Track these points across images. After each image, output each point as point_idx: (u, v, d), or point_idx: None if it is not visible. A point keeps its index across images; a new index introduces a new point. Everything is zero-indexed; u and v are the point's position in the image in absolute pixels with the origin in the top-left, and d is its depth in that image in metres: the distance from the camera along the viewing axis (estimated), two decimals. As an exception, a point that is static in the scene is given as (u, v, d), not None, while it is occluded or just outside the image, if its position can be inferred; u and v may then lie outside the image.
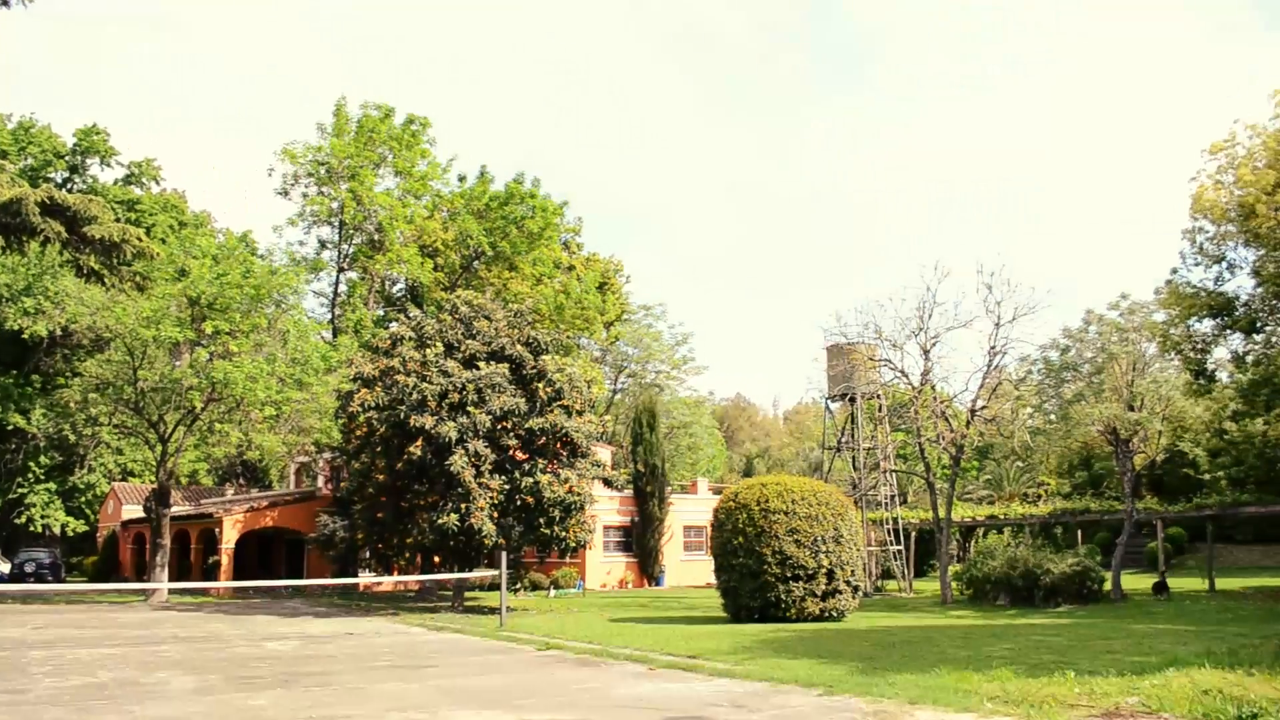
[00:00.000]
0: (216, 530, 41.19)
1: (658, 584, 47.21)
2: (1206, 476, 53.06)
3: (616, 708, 11.68)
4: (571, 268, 53.12)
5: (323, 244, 47.93)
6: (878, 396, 41.56)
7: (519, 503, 28.85)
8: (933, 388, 36.00)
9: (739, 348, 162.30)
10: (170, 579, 38.00)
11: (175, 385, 33.70)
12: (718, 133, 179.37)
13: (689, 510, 50.42)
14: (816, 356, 46.49)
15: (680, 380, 68.60)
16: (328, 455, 44.41)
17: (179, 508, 43.89)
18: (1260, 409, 38.95)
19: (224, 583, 37.50)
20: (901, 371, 35.95)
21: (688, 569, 49.17)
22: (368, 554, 32.78)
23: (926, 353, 34.92)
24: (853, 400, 40.89)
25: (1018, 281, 43.43)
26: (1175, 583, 36.94)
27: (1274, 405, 39.59)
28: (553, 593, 40.00)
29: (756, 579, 24.16)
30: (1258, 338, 35.98)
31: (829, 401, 43.27)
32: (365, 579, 36.65)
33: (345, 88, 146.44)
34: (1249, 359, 37.00)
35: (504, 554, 26.28)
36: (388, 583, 39.96)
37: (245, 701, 12.10)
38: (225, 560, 40.36)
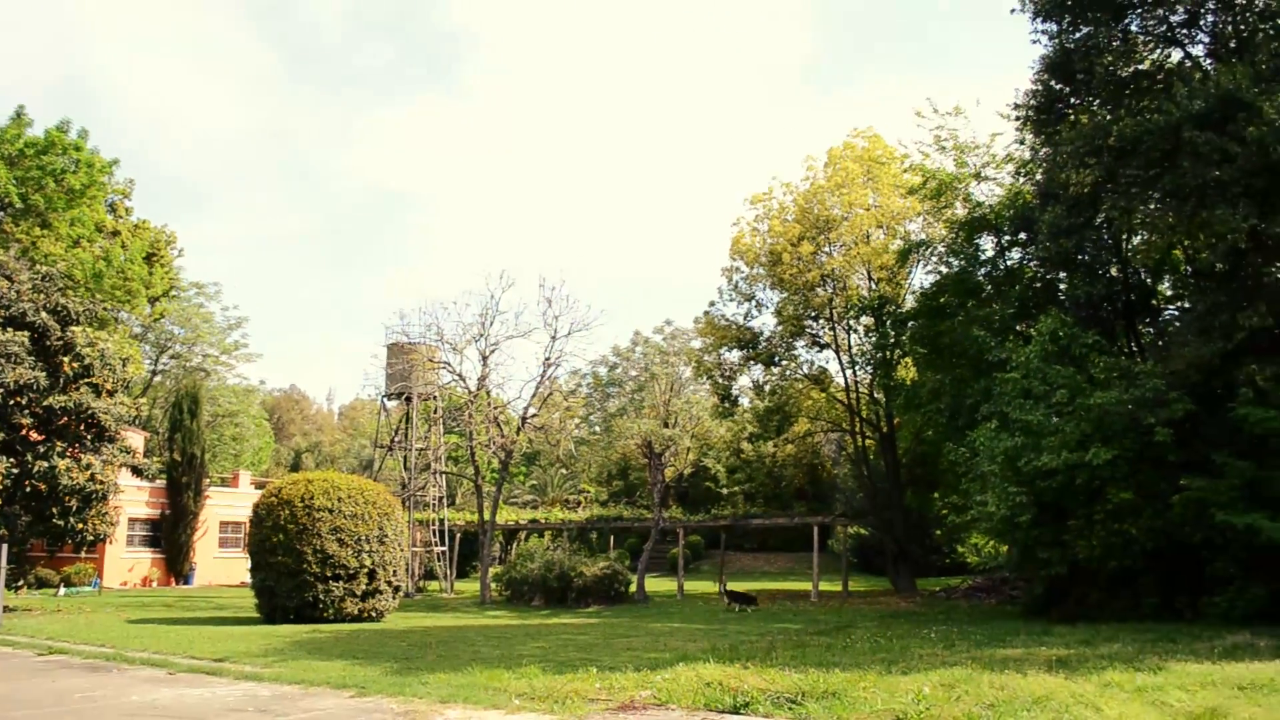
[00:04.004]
0: None
1: (187, 582, 44.25)
2: (725, 491, 58.78)
3: (127, 716, 10.87)
4: (116, 233, 48.38)
5: None
6: (434, 398, 41.88)
7: (29, 489, 25.84)
8: (488, 393, 36.91)
9: (297, 337, 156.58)
10: None
11: None
12: (295, 112, 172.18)
13: (228, 504, 47.74)
14: (376, 353, 46.09)
15: (230, 366, 64.73)
16: None
17: None
18: (772, 433, 43.89)
19: None
20: (460, 375, 36.58)
21: (222, 567, 46.55)
22: None
23: (485, 359, 35.80)
24: (409, 400, 40.88)
25: (576, 298, 45.76)
26: (691, 585, 40.48)
27: (783, 430, 44.84)
28: (63, 591, 36.15)
29: (295, 578, 23.41)
30: (775, 370, 40.66)
31: (385, 399, 42.93)
32: None
33: None
34: (767, 388, 41.69)
35: (4, 546, 23.43)
36: None
37: None
38: None
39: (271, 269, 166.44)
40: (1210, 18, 23.91)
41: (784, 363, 40.63)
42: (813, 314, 38.61)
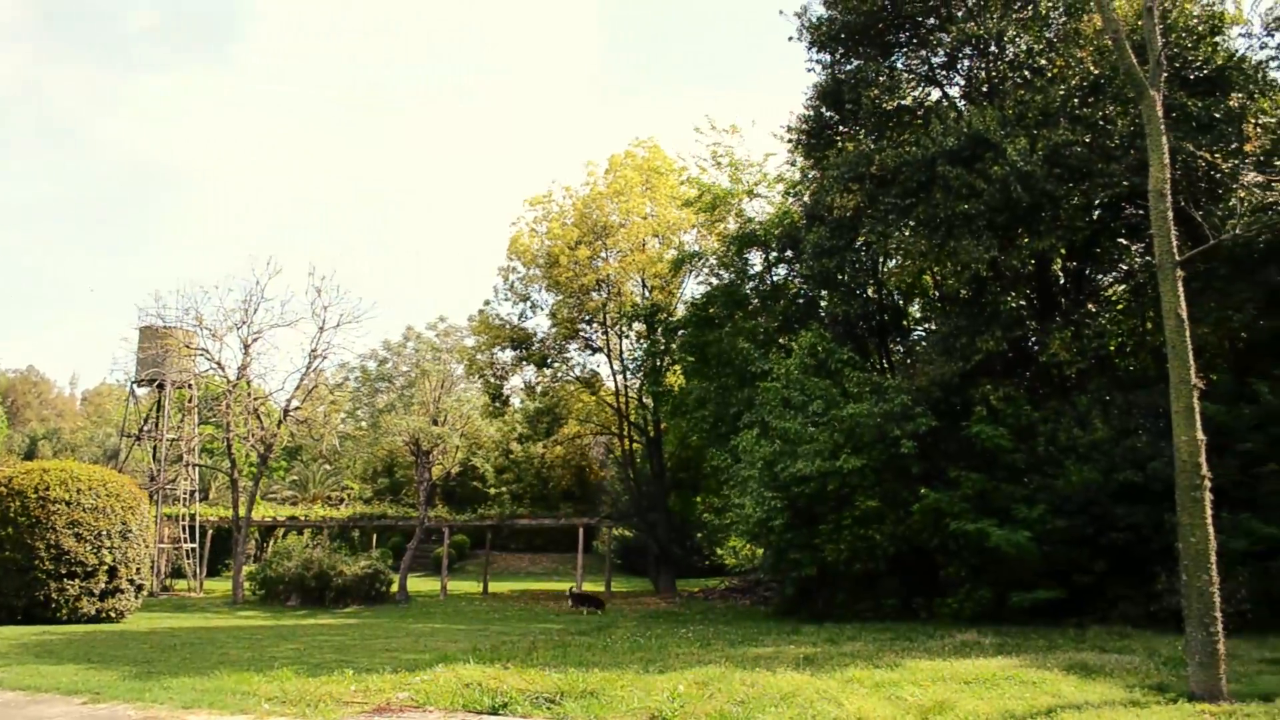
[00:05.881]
0: None
1: (-106, 578, 40.11)
2: (492, 490, 58.45)
3: None
4: None
5: None
6: (190, 386, 39.75)
7: None
8: (249, 383, 35.43)
9: (38, 315, 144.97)
10: None
11: None
12: (49, 71, 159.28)
13: (-53, 493, 43.58)
14: (127, 336, 43.31)
15: (-44, 344, 59.41)
16: None
17: None
18: (541, 434, 44.12)
19: None
20: (218, 363, 34.92)
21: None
22: None
23: (247, 347, 34.34)
24: (161, 387, 38.61)
25: (347, 289, 44.56)
26: (455, 585, 40.07)
27: (553, 431, 45.12)
28: None
29: (24, 575, 21.71)
30: (547, 371, 40.90)
31: (135, 386, 40.35)
32: None
33: None
34: (538, 389, 41.90)
35: None
36: None
37: None
38: None
39: (12, 240, 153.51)
40: (967, 62, 25.84)
41: (556, 365, 40.95)
42: (587, 318, 39.07)
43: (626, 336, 39.87)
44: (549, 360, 40.39)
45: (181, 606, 30.41)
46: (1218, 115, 21.06)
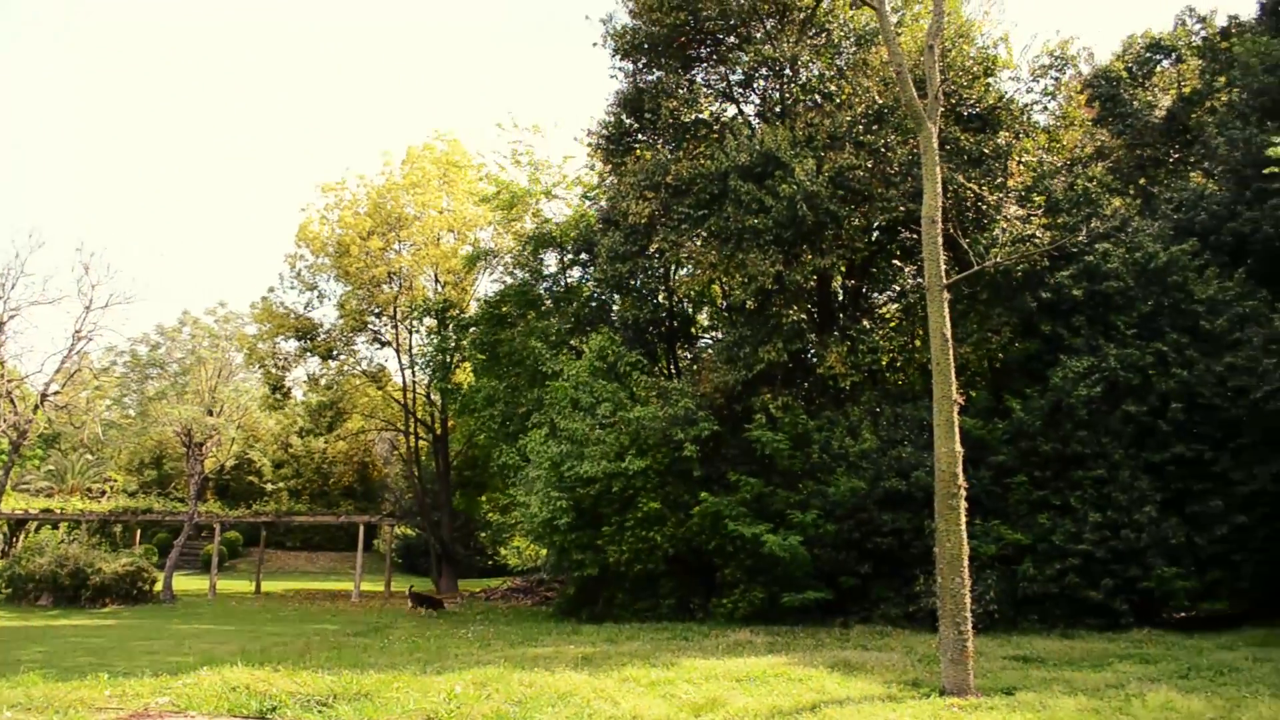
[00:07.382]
0: None
1: None
2: (269, 486, 56.28)
3: None
4: None
5: None
6: (-67, 365, 36.54)
7: None
8: (2, 364, 32.88)
9: None
10: None
11: None
12: None
13: None
14: None
15: None
16: None
17: None
18: (324, 429, 42.83)
19: None
20: (-33, 343, 32.24)
21: None
22: None
23: (2, 325, 31.84)
24: (-101, 365, 35.35)
25: (119, 268, 42.04)
26: (226, 584, 38.37)
27: (335, 426, 43.90)
28: None
29: None
30: (332, 364, 39.83)
31: None
32: None
33: None
34: (323, 382, 40.67)
35: None
36: None
37: None
38: None
39: None
40: (762, 82, 26.80)
41: (343, 357, 39.91)
42: (377, 311, 38.26)
43: (417, 331, 39.26)
44: (335, 352, 39.30)
45: (-87, 605, 27.95)
46: (987, 151, 22.74)
